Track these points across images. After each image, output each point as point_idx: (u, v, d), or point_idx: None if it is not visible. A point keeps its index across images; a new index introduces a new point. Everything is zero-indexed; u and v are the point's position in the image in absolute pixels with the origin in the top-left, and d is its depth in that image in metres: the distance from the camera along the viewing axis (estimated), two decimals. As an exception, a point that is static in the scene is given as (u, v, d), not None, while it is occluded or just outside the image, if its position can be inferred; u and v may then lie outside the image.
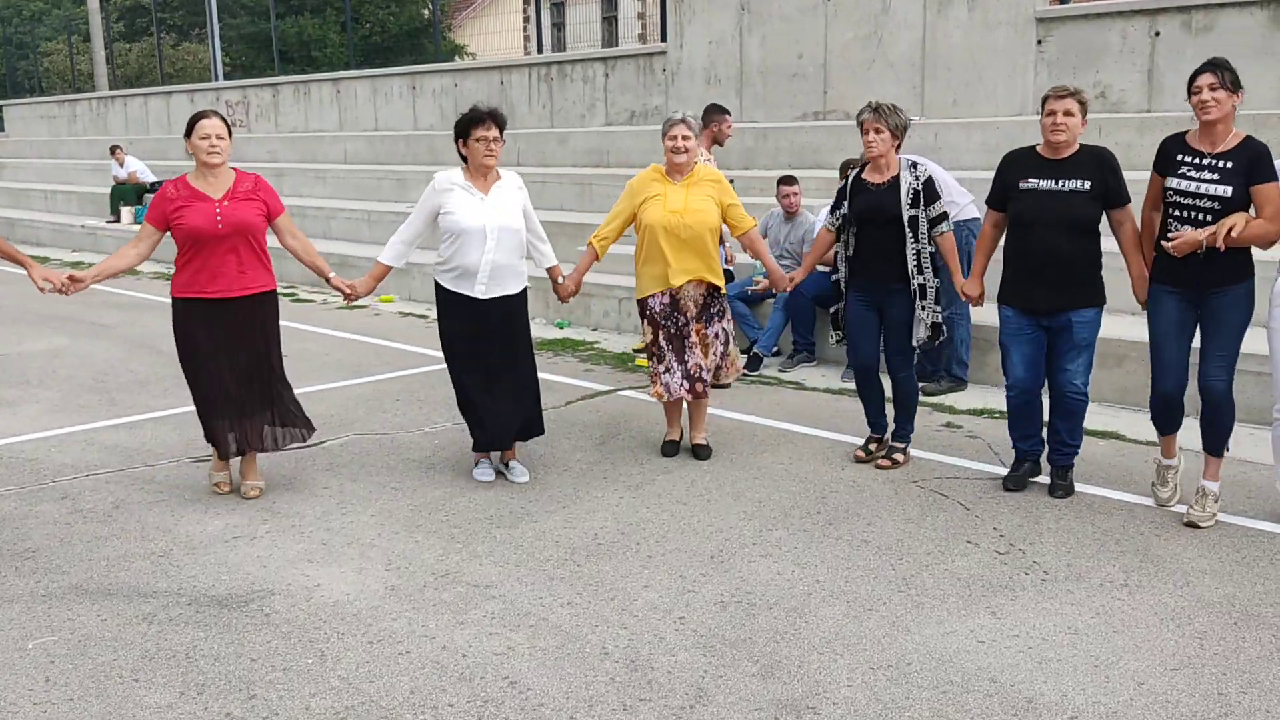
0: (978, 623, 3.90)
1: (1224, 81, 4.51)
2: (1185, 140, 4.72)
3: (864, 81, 10.61)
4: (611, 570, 4.39)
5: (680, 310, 5.69)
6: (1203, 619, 3.90)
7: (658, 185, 5.68)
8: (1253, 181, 4.52)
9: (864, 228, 5.51)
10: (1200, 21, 8.62)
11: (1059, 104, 4.86)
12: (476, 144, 5.23)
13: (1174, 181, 4.65)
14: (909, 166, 5.48)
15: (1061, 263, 4.91)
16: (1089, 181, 4.87)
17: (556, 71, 13.57)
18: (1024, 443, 5.30)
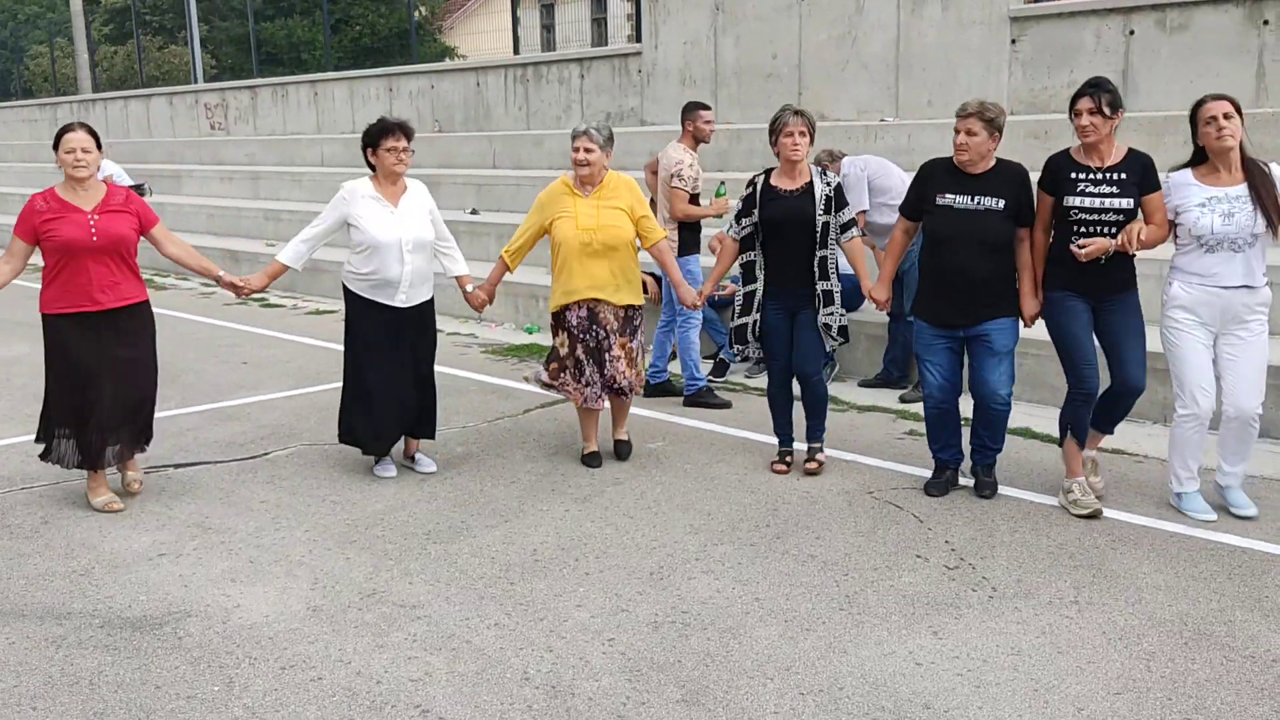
0: (918, 643, 3.75)
1: (1100, 106, 4.60)
2: (1073, 157, 4.79)
3: (838, 82, 10.48)
4: (545, 589, 4.23)
5: (600, 324, 5.56)
6: (1152, 638, 3.75)
7: (567, 199, 5.54)
8: (1144, 191, 4.69)
9: (777, 236, 5.38)
10: (1175, 20, 8.48)
11: (962, 124, 4.88)
12: (386, 154, 5.27)
13: (1075, 200, 4.73)
14: (819, 172, 5.40)
15: (976, 281, 4.92)
16: (1004, 200, 4.89)
17: (532, 73, 13.42)
18: (944, 453, 5.28)
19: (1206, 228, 4.59)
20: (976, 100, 4.98)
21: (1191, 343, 4.70)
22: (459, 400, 7.20)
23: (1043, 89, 9.18)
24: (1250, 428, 4.75)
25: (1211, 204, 4.59)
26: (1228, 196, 4.59)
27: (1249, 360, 4.67)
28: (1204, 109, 4.60)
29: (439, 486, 5.45)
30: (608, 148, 5.51)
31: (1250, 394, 4.68)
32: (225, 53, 30.11)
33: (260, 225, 14.22)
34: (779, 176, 5.42)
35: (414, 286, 5.38)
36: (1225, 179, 4.62)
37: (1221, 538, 4.61)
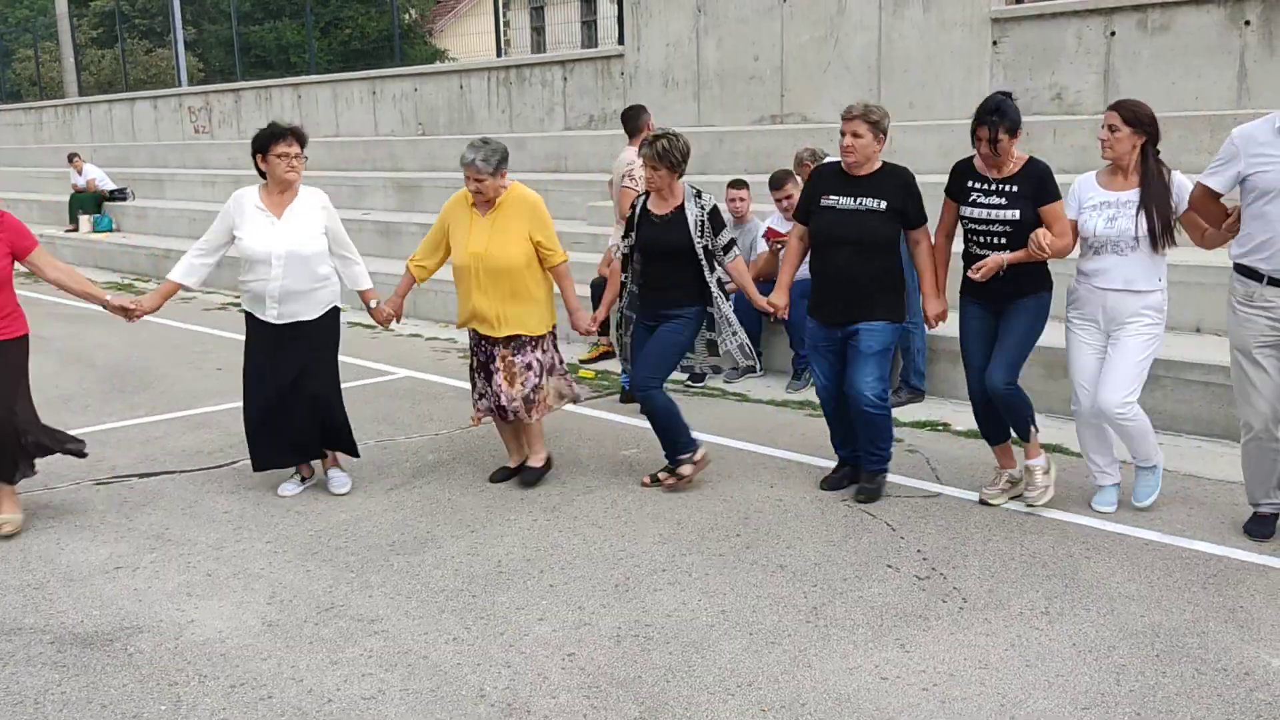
0: (884, 656, 3.68)
1: (996, 136, 4.66)
2: (974, 166, 4.89)
3: (820, 84, 10.41)
4: (508, 601, 4.15)
5: (487, 338, 5.38)
6: (1123, 650, 3.68)
7: (465, 217, 5.28)
8: (1040, 203, 4.75)
9: (651, 260, 5.33)
10: (1156, 21, 8.42)
11: (846, 126, 4.94)
12: (277, 160, 5.02)
13: (967, 210, 4.87)
14: (693, 196, 5.30)
15: (855, 280, 4.99)
16: (885, 201, 4.95)
17: (515, 75, 13.34)
18: (842, 449, 5.36)
19: (1091, 229, 4.71)
20: (861, 103, 5.03)
21: (1079, 342, 4.88)
22: (433, 406, 7.11)
23: (1024, 90, 9.10)
24: (1116, 425, 4.82)
25: (1101, 207, 4.70)
26: (1117, 201, 4.67)
27: (1120, 358, 4.73)
28: (1106, 117, 4.68)
29: (406, 495, 5.37)
30: (502, 168, 5.20)
31: (1112, 391, 4.72)
32: (214, 56, 29.96)
33: (242, 229, 14.11)
34: (654, 200, 5.37)
35: (287, 303, 5.11)
36: (1120, 184, 4.70)
37: (1197, 545, 4.54)
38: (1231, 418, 5.87)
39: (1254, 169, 4.32)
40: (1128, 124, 4.59)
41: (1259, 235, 4.35)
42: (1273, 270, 4.33)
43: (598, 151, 11.80)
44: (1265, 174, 4.29)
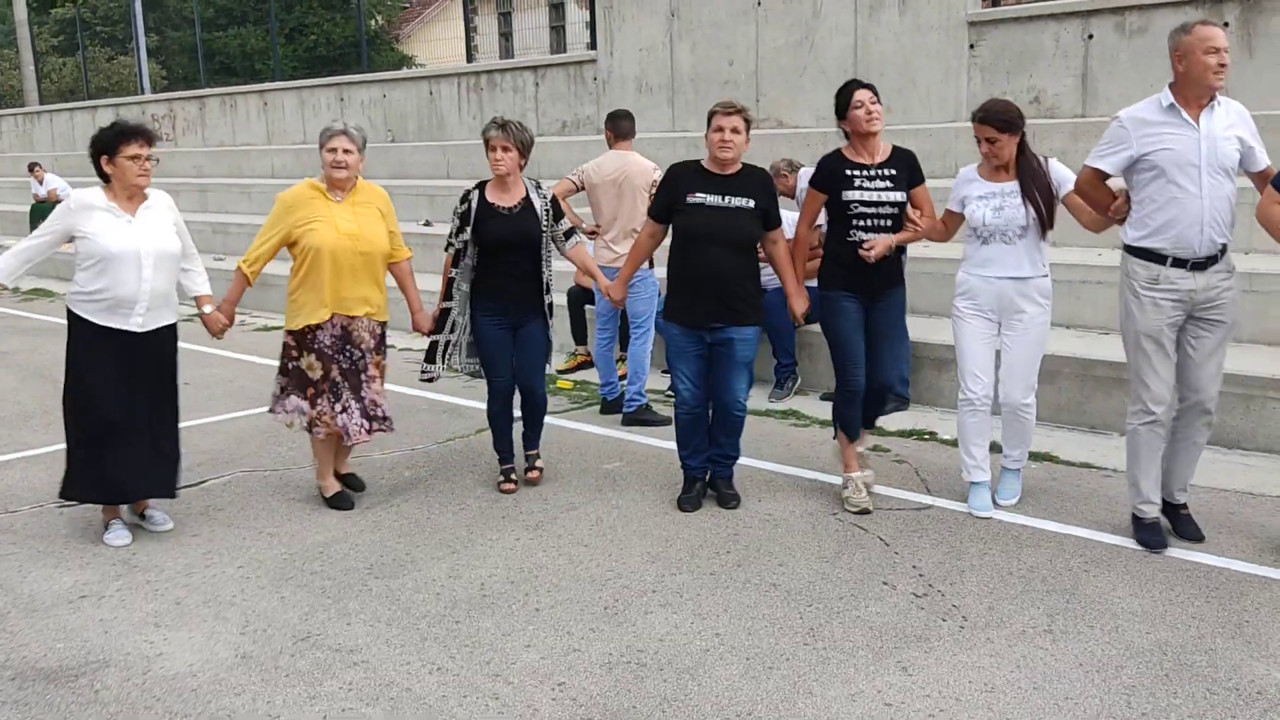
0: (887, 680, 3.55)
1: (878, 96, 4.95)
2: (845, 156, 5.00)
3: (796, 88, 10.31)
4: (493, 627, 3.99)
5: (354, 343, 5.16)
6: (1131, 670, 3.57)
7: (320, 204, 5.05)
8: (913, 184, 4.99)
9: (499, 253, 5.25)
10: (1134, 23, 8.38)
11: (726, 120, 4.91)
12: (129, 162, 4.67)
13: (854, 194, 4.93)
14: (534, 186, 5.35)
15: (728, 278, 4.97)
16: (753, 200, 4.97)
17: (486, 81, 13.16)
18: (693, 459, 5.29)
19: (980, 220, 4.83)
20: (732, 100, 5.08)
21: (969, 331, 4.95)
22: (409, 420, 6.92)
23: (1001, 93, 9.01)
24: (1019, 417, 4.99)
25: (988, 197, 4.83)
26: (1001, 191, 4.81)
27: (1020, 352, 4.89)
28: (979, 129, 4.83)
29: (384, 515, 5.19)
30: (364, 151, 5.11)
31: (1017, 386, 4.92)
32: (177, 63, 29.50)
33: (209, 239, 13.84)
34: (494, 192, 5.30)
35: (153, 309, 4.75)
36: (1003, 176, 4.84)
37: (1196, 557, 4.45)
38: (1224, 424, 5.80)
39: (1149, 148, 4.34)
40: (1004, 132, 4.75)
41: (1159, 216, 4.36)
42: (1177, 250, 4.35)
43: (571, 158, 11.61)
44: (1163, 151, 4.32)
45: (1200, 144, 4.28)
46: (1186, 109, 4.32)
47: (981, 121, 4.78)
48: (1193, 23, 4.35)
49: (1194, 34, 4.28)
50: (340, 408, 5.15)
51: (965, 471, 5.08)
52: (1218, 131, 4.30)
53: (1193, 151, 4.28)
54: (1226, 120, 4.34)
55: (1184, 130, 4.30)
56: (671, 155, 10.57)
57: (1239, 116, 4.40)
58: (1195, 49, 4.25)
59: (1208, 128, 4.30)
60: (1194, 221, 4.30)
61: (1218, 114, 4.33)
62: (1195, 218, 4.30)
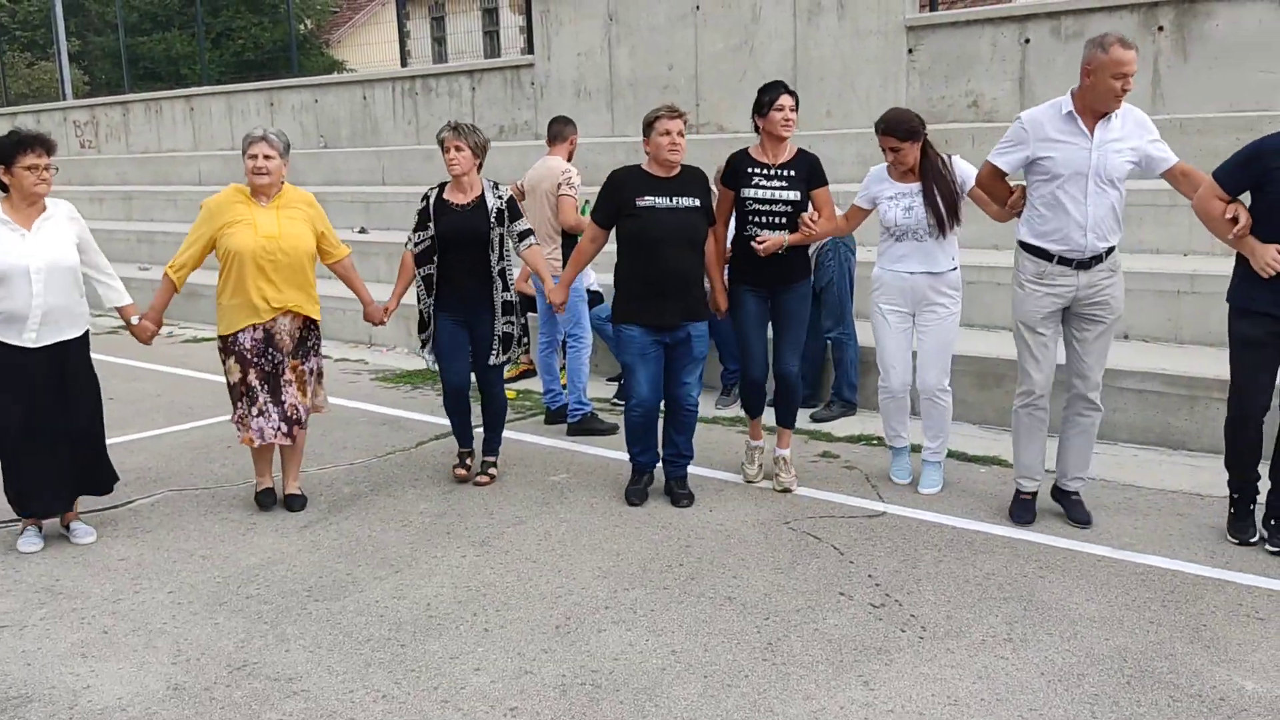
0: (849, 696, 3.46)
1: (797, 105, 5.14)
2: (750, 155, 5.21)
3: (736, 93, 10.24)
4: (440, 650, 3.83)
5: (275, 346, 5.12)
6: (1093, 679, 3.52)
7: (243, 208, 5.05)
8: (812, 186, 5.17)
9: (452, 250, 5.35)
10: (1070, 28, 8.45)
11: (672, 124, 5.03)
12: (26, 172, 4.56)
13: (750, 191, 5.13)
14: (490, 186, 5.45)
15: (683, 277, 5.08)
16: (697, 199, 5.09)
17: (421, 86, 12.93)
18: (644, 455, 5.38)
19: (891, 219, 5.07)
20: (673, 104, 5.22)
21: (886, 326, 5.25)
22: (347, 433, 6.73)
23: (940, 98, 9.08)
24: (936, 403, 5.26)
25: (898, 198, 5.06)
26: (910, 192, 5.04)
27: (934, 341, 5.19)
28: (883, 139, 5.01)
29: (323, 534, 4.99)
30: (286, 156, 5.10)
31: (932, 373, 5.21)
32: (100, 68, 28.70)
33: (134, 248, 13.44)
34: (451, 191, 5.41)
35: (48, 324, 4.64)
36: (910, 176, 5.05)
37: (1149, 560, 4.44)
38: (1169, 425, 5.86)
39: (1043, 153, 4.50)
40: (906, 140, 4.94)
41: (1048, 218, 4.56)
42: (1062, 251, 4.55)
43: (509, 163, 11.45)
44: (1055, 159, 4.47)
45: (1091, 155, 4.43)
46: (1083, 118, 4.43)
47: (884, 133, 4.98)
48: (1111, 40, 4.33)
49: (1109, 54, 4.29)
50: (257, 410, 5.12)
51: (888, 440, 5.53)
52: (1110, 144, 4.43)
53: (1083, 162, 4.44)
54: (1121, 132, 4.46)
55: (1078, 140, 4.44)
56: (612, 160, 10.47)
57: (1135, 127, 4.50)
58: (1105, 70, 4.30)
59: (1101, 139, 4.43)
60: (1078, 227, 4.50)
61: (1113, 125, 4.45)
62: (1080, 224, 4.50)
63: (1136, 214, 6.88)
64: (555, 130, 7.03)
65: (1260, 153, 4.30)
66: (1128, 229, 4.67)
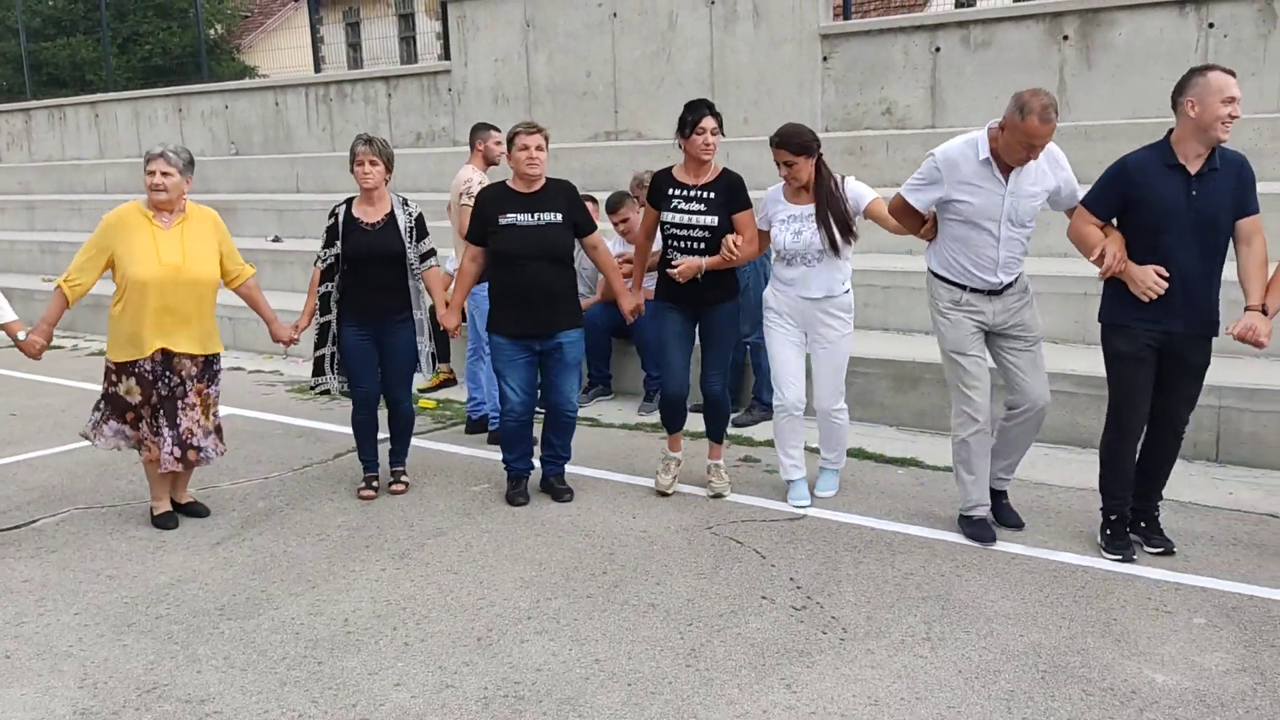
0: (772, 699, 3.47)
1: (720, 126, 5.08)
2: (673, 174, 5.17)
3: (655, 100, 10.29)
4: (359, 666, 3.75)
5: (175, 369, 5.01)
6: (1009, 674, 3.58)
7: (145, 230, 4.92)
8: (734, 210, 5.08)
9: (362, 266, 5.27)
10: (979, 37, 8.65)
11: (530, 139, 5.10)
12: None
13: (668, 215, 5.11)
14: (400, 202, 5.39)
15: (548, 291, 5.15)
16: (560, 214, 5.13)
17: (336, 92, 12.74)
18: (520, 461, 5.46)
19: (781, 243, 5.03)
20: (533, 120, 5.34)
21: (780, 342, 5.18)
22: (262, 446, 6.58)
23: (855, 105, 9.22)
24: (832, 421, 5.27)
25: (789, 220, 5.01)
26: (800, 215, 4.99)
27: (828, 363, 5.17)
28: (777, 153, 4.96)
29: (236, 550, 4.87)
30: (188, 173, 5.01)
31: (827, 394, 5.21)
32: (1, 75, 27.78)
33: (36, 259, 13.02)
34: (359, 206, 5.36)
35: None
36: (804, 198, 5.00)
37: (1061, 557, 4.54)
38: (1078, 425, 6.00)
39: (956, 195, 4.47)
40: (800, 155, 4.90)
41: (960, 258, 4.57)
42: (974, 285, 4.58)
43: (426, 170, 11.37)
44: (968, 204, 4.45)
45: (1005, 200, 4.42)
46: (998, 164, 4.39)
47: (778, 146, 4.95)
48: (1032, 109, 4.16)
49: (1024, 124, 4.18)
50: (153, 434, 5.05)
51: (783, 471, 5.35)
52: (1024, 189, 4.43)
53: (996, 209, 4.44)
54: (1034, 176, 4.43)
55: (992, 187, 4.41)
56: (530, 167, 10.42)
57: (1049, 166, 4.45)
58: (1017, 135, 4.22)
59: (1015, 185, 4.41)
60: (989, 266, 4.54)
61: (1028, 170, 4.40)
62: (989, 264, 4.53)
63: (1043, 219, 6.97)
64: (471, 139, 6.98)
65: (1125, 172, 4.26)
66: (1035, 233, 4.72)
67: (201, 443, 5.09)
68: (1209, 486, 5.29)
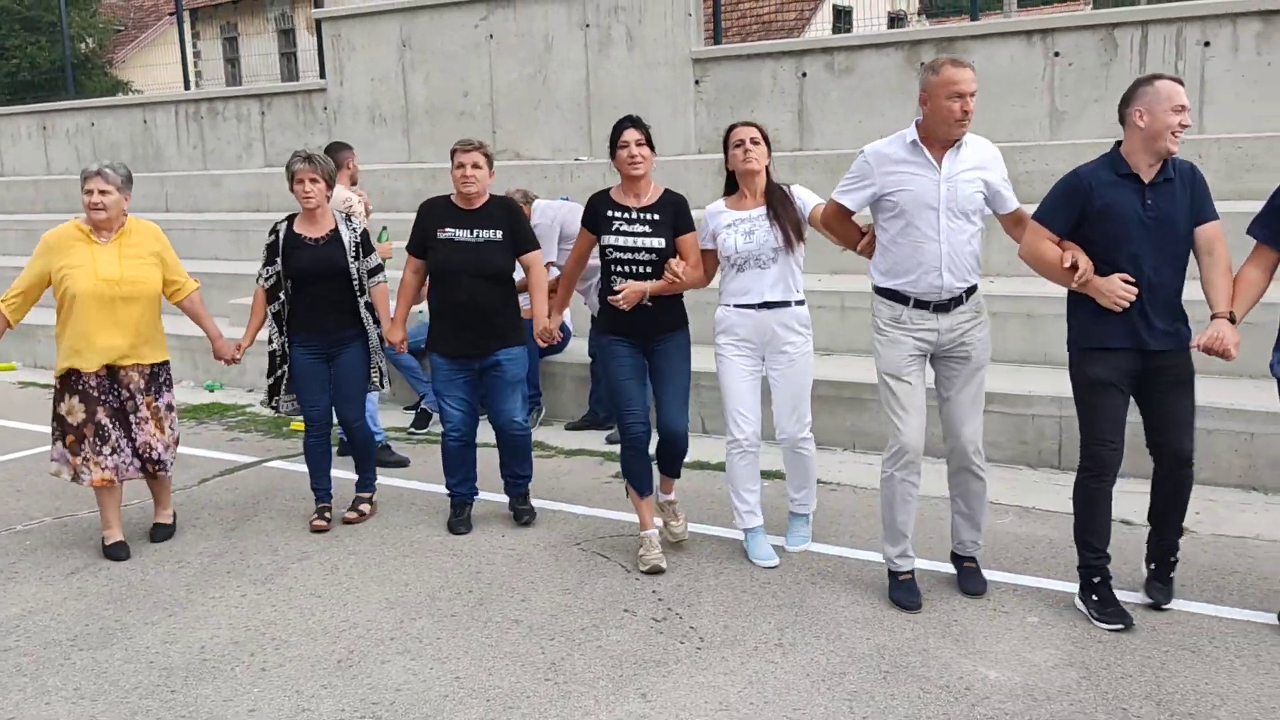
0: (626, 709, 3.56)
1: (647, 138, 4.82)
2: (611, 197, 4.87)
3: (532, 120, 10.39)
4: (213, 693, 3.72)
5: (122, 383, 5.02)
6: (854, 675, 3.74)
7: (82, 246, 4.94)
8: (679, 232, 4.82)
9: (309, 284, 5.26)
10: (842, 63, 8.96)
11: (467, 157, 5.06)
12: None
13: (611, 239, 4.80)
14: (343, 218, 5.38)
15: (486, 309, 5.10)
16: (501, 230, 5.11)
17: (207, 109, 12.50)
18: (462, 486, 5.39)
19: (732, 247, 4.72)
20: (471, 137, 5.25)
21: (733, 370, 4.79)
22: (124, 474, 6.41)
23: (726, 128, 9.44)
24: (798, 452, 4.89)
25: (736, 225, 4.73)
26: (750, 217, 4.72)
27: (790, 387, 4.80)
28: (734, 134, 4.76)
29: (90, 580, 4.76)
30: (126, 189, 5.01)
31: (791, 421, 4.83)
32: None
33: (-113, 281, 12.41)
34: (301, 223, 5.33)
35: None
36: (749, 203, 4.75)
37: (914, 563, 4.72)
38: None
39: (890, 187, 4.18)
40: (762, 142, 4.73)
41: (902, 260, 4.22)
42: (918, 294, 4.20)
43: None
44: (905, 192, 4.15)
45: (940, 186, 4.10)
46: (929, 148, 4.12)
47: (744, 125, 4.77)
48: (941, 61, 4.07)
49: (940, 75, 4.01)
50: (110, 449, 4.98)
51: (738, 518, 4.88)
52: (959, 174, 4.12)
53: (931, 194, 4.11)
54: (972, 162, 4.16)
55: (925, 171, 4.12)
56: (408, 186, 10.41)
57: (987, 158, 4.23)
58: (939, 91, 4.02)
59: (950, 170, 4.11)
60: (932, 266, 4.15)
61: (963, 155, 4.14)
62: (934, 261, 4.14)
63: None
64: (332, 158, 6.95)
65: (1078, 184, 4.05)
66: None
67: (162, 455, 5.10)
68: (1052, 492, 5.57)
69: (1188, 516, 4.25)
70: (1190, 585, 4.39)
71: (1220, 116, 7.66)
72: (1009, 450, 6.04)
